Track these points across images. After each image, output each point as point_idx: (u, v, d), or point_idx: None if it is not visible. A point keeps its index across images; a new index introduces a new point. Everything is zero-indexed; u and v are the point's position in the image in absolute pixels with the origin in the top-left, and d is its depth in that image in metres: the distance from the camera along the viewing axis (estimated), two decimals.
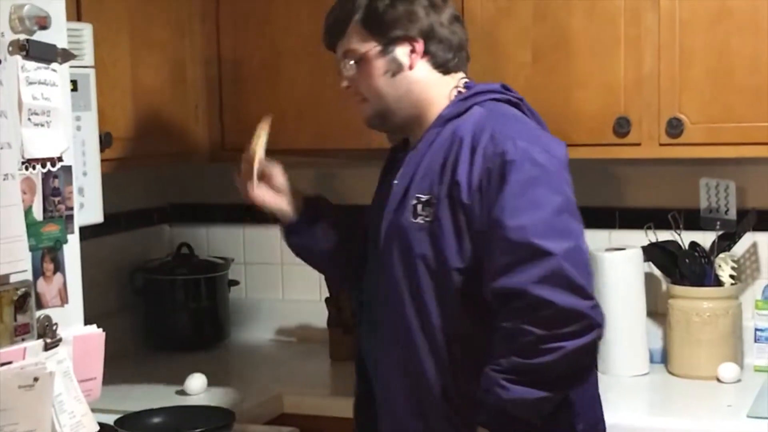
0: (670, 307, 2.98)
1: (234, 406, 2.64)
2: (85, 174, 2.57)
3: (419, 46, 2.21)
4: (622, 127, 2.83)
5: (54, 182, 1.79)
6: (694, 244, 3.02)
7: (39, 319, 1.75)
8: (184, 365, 3.07)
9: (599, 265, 2.96)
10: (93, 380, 1.87)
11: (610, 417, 2.59)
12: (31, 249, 1.74)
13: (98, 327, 1.93)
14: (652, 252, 3.05)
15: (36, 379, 1.68)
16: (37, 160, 1.76)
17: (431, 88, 2.23)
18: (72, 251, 1.84)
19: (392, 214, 2.20)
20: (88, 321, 1.95)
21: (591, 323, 1.99)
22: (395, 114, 2.26)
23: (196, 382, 2.87)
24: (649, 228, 3.06)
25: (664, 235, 3.05)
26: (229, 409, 2.59)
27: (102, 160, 2.63)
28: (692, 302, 2.94)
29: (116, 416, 2.54)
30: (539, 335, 1.98)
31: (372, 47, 2.22)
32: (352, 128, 3.02)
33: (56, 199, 1.80)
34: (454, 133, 2.16)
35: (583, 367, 2.07)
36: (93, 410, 1.85)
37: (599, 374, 2.89)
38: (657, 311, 3.10)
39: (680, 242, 3.02)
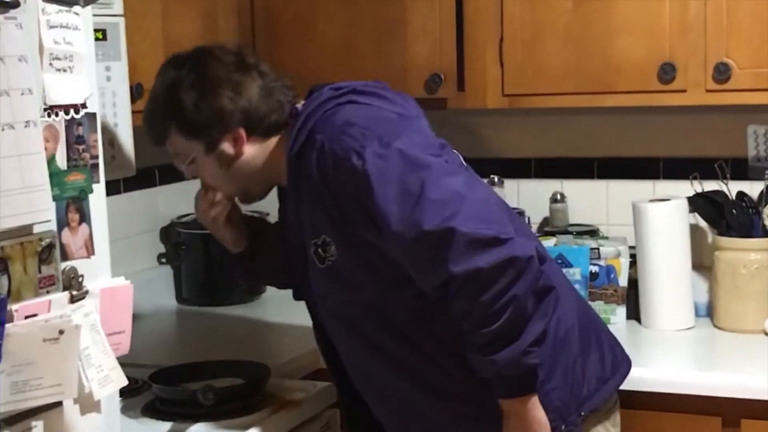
0: (716, 260, 2.91)
1: (269, 361, 2.60)
2: (116, 125, 2.54)
3: (240, 133, 2.20)
4: (666, 73, 2.75)
5: (78, 130, 1.73)
6: (741, 194, 2.94)
7: (64, 271, 1.71)
8: (220, 320, 3.04)
9: (643, 217, 2.89)
10: (121, 333, 1.82)
11: (654, 372, 2.56)
12: (55, 199, 1.68)
13: (132, 282, 1.88)
14: (697, 203, 2.97)
15: (61, 332, 1.64)
16: (60, 107, 1.70)
17: (272, 151, 2.24)
18: (98, 201, 1.79)
19: (306, 269, 2.23)
20: (122, 276, 1.90)
21: (523, 259, 1.99)
22: (253, 188, 2.30)
23: None
24: (694, 178, 2.98)
25: (710, 185, 2.97)
26: (265, 363, 2.56)
27: (133, 112, 2.60)
28: (739, 254, 2.86)
29: (150, 371, 2.52)
30: (486, 301, 1.98)
31: (196, 149, 2.22)
32: (387, 77, 2.96)
33: (80, 147, 1.74)
34: (308, 171, 2.14)
35: (544, 291, 2.08)
36: (126, 365, 1.81)
37: (644, 329, 2.89)
38: (702, 264, 3.03)
39: (727, 192, 2.94)
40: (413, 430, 2.28)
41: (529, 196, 3.31)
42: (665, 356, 2.74)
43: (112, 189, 2.25)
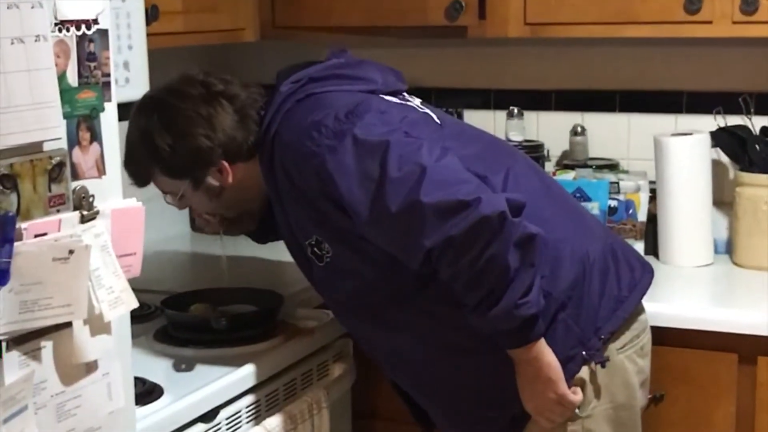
0: (737, 196, 2.87)
1: (283, 289, 2.58)
2: (130, 48, 2.49)
3: (224, 164, 2.23)
4: (692, 3, 2.69)
5: (90, 46, 1.69)
6: (765, 129, 2.90)
7: (75, 191, 1.67)
8: (234, 248, 3.01)
9: (664, 151, 2.85)
10: (133, 255, 1.80)
11: (671, 308, 2.53)
12: (66, 116, 1.65)
13: (146, 208, 1.85)
14: (720, 137, 2.93)
15: (71, 252, 1.61)
16: (71, 22, 1.66)
17: (257, 169, 2.24)
18: (110, 121, 1.75)
19: (308, 268, 2.27)
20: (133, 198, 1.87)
21: (493, 218, 1.96)
22: (250, 207, 2.34)
23: None
24: (718, 112, 2.93)
25: (733, 120, 2.93)
26: (278, 292, 2.55)
27: (148, 35, 2.55)
28: (761, 190, 2.82)
29: (163, 297, 2.51)
30: (466, 265, 1.99)
31: (184, 187, 2.26)
32: (406, 5, 2.91)
33: (92, 65, 1.70)
34: (280, 178, 2.17)
35: (525, 241, 2.01)
36: (139, 291, 1.79)
37: (662, 264, 2.86)
38: (723, 200, 2.99)
39: (751, 127, 2.90)
40: (447, 401, 2.30)
41: (549, 129, 3.27)
42: (683, 292, 2.71)
43: (127, 114, 2.22)
